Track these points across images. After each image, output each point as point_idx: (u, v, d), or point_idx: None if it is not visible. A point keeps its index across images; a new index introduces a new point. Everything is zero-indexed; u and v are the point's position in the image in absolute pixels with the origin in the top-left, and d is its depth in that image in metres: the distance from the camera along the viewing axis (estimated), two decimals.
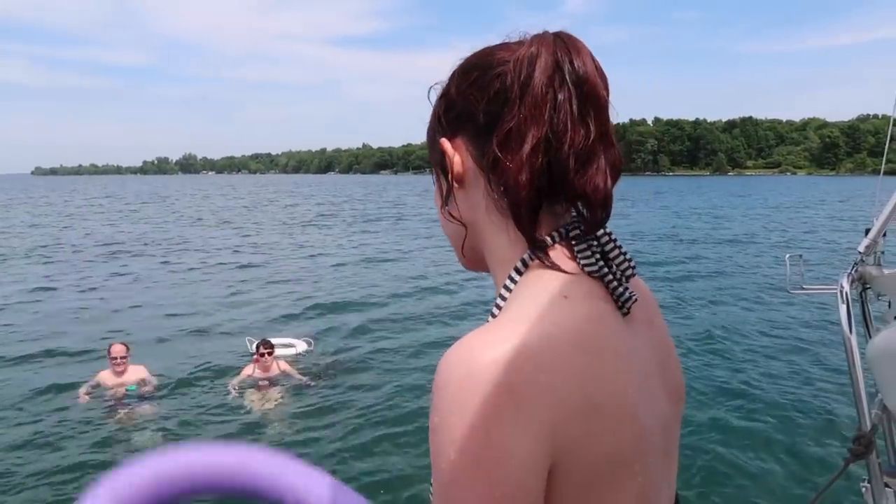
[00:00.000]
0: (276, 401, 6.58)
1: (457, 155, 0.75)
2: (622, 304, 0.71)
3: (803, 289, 2.02)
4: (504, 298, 0.71)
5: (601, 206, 0.70)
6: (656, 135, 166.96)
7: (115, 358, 6.70)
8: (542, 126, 0.67)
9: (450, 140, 0.76)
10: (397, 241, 22.11)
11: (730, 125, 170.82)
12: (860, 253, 1.87)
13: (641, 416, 0.66)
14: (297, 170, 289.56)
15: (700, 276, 14.55)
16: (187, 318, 10.54)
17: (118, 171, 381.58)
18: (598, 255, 0.71)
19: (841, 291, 1.79)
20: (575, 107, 0.68)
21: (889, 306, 1.82)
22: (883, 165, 2.20)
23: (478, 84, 0.72)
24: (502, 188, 0.70)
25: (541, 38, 0.70)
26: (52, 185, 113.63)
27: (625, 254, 0.73)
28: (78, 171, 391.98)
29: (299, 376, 7.12)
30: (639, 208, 39.52)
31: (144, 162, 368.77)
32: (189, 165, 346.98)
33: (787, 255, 2.00)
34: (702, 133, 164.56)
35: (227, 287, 13.33)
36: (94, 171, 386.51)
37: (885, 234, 1.86)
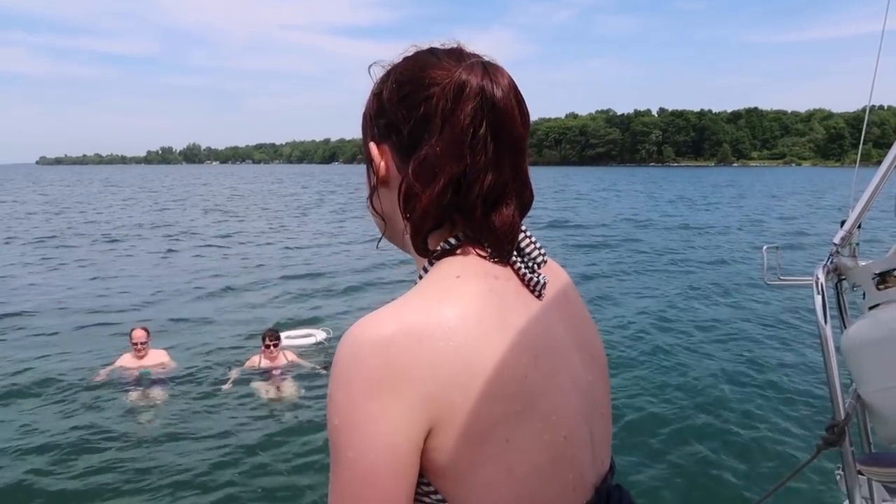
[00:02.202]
0: (281, 390, 6.64)
1: (382, 161, 0.80)
2: (533, 288, 0.77)
3: (780, 280, 2.04)
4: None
5: (507, 240, 0.75)
6: (661, 125, 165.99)
7: (137, 343, 6.83)
8: (458, 164, 0.71)
9: (377, 145, 0.81)
10: None
11: (735, 116, 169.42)
12: (836, 244, 1.89)
13: (541, 379, 0.72)
14: (301, 160, 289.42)
15: (681, 264, 14.65)
16: (203, 305, 10.61)
17: (122, 160, 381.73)
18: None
19: (816, 282, 1.81)
20: (491, 149, 0.72)
21: (863, 297, 1.84)
22: (858, 157, 2.21)
23: (407, 102, 0.76)
24: (409, 214, 0.75)
25: (471, 68, 0.73)
26: (62, 175, 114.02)
27: (535, 243, 0.79)
28: (83, 160, 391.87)
29: (308, 365, 7.16)
30: (632, 196, 39.46)
31: (148, 152, 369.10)
32: (193, 155, 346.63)
33: (765, 247, 2.01)
34: (706, 124, 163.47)
35: (246, 276, 13.39)
36: (99, 160, 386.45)
37: (860, 226, 1.87)
